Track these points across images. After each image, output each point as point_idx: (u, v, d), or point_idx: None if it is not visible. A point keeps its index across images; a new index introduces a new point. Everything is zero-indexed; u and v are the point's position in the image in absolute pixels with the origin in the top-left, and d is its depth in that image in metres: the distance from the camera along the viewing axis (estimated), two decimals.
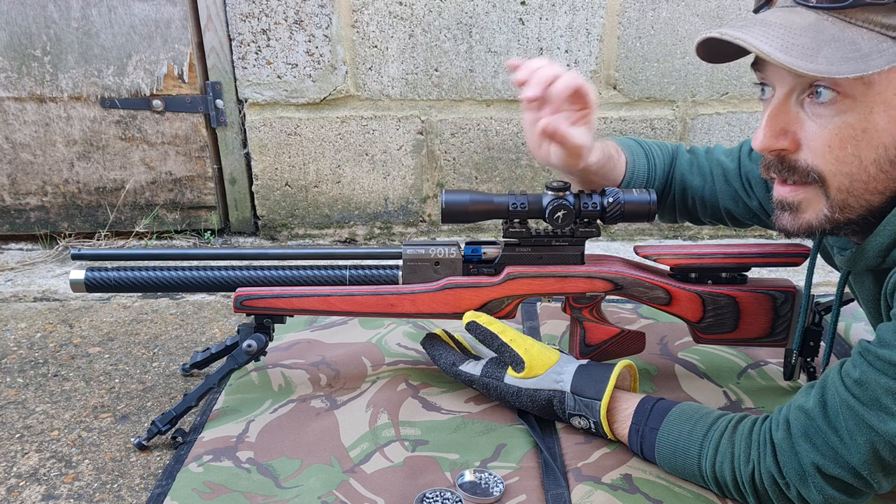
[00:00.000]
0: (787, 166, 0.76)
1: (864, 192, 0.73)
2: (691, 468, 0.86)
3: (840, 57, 0.66)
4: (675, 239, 1.99)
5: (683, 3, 1.78)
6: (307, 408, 1.08)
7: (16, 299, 1.57)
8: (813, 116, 0.72)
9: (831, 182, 0.73)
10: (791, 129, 0.74)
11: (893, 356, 0.69)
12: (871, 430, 0.71)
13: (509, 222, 1.03)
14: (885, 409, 0.70)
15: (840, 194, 0.73)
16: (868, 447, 0.71)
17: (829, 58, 0.66)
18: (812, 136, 0.72)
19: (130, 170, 1.87)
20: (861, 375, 0.72)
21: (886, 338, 0.70)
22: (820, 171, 0.73)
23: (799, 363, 1.07)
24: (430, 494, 0.88)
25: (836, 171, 0.72)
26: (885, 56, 0.66)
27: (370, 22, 1.78)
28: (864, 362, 0.72)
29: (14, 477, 0.98)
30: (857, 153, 0.70)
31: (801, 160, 0.74)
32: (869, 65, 0.65)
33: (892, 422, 0.69)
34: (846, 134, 0.70)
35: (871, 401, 0.71)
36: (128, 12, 1.73)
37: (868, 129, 0.69)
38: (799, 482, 0.77)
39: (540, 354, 0.98)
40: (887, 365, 0.69)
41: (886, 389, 0.69)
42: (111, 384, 1.21)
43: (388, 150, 1.89)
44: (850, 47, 0.66)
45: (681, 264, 1.05)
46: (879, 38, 0.66)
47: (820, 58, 0.66)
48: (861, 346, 0.73)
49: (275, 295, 1.06)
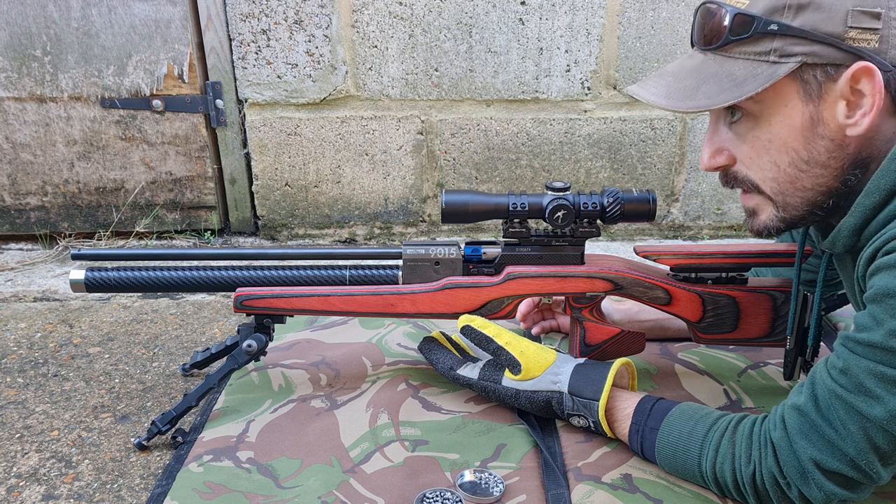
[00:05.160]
0: (731, 178, 0.86)
1: (795, 191, 0.81)
2: (692, 468, 0.86)
3: (717, 90, 0.78)
4: (675, 239, 1.99)
5: (683, 3, 1.78)
6: (307, 408, 1.08)
7: (16, 299, 1.57)
8: (735, 135, 0.83)
9: (763, 188, 0.83)
10: (725, 147, 0.85)
11: (871, 337, 0.71)
12: (862, 416, 0.72)
13: (509, 222, 1.03)
14: (870, 392, 0.71)
15: (777, 196, 0.83)
16: (862, 435, 0.73)
17: (706, 93, 0.79)
18: (739, 151, 0.84)
19: (130, 170, 1.87)
20: (844, 364, 0.74)
21: (863, 322, 0.73)
22: (752, 179, 0.84)
23: (799, 363, 1.07)
24: (430, 494, 0.88)
25: (763, 177, 0.82)
26: (758, 79, 0.76)
27: (370, 22, 1.78)
28: (846, 350, 0.74)
29: (14, 477, 0.98)
30: (772, 159, 0.81)
31: (739, 172, 0.85)
32: (743, 91, 0.77)
33: (878, 406, 0.71)
34: (758, 145, 0.81)
35: (857, 387, 0.72)
36: (128, 12, 1.73)
37: (772, 138, 0.80)
38: (800, 480, 0.77)
39: (536, 356, 0.98)
40: (866, 347, 0.72)
41: (868, 372, 0.71)
42: (111, 384, 1.21)
43: (388, 150, 1.89)
44: (727, 79, 0.78)
45: (681, 264, 1.05)
46: (754, 65, 0.77)
47: (699, 95, 0.79)
48: (841, 335, 0.76)
49: (275, 295, 1.06)
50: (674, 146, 1.90)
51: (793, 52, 0.75)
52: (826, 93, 0.76)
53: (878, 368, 0.70)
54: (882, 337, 0.70)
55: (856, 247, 0.80)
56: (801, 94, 0.77)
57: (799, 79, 0.76)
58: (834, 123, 0.76)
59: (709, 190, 1.95)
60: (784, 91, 0.77)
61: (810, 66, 0.75)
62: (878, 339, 0.70)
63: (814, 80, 0.75)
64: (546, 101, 1.86)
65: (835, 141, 0.77)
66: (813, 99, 0.76)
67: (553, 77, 1.83)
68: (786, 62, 0.75)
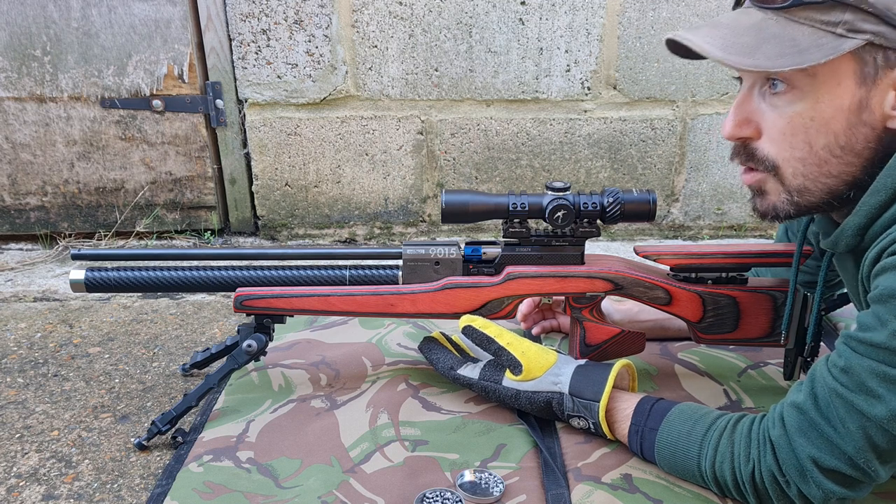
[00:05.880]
0: (747, 153, 0.82)
1: (819, 176, 0.78)
2: (691, 468, 0.86)
3: (777, 53, 0.73)
4: (675, 239, 1.99)
5: (683, 3, 1.78)
6: (307, 408, 1.08)
7: (16, 299, 1.57)
8: (771, 106, 0.78)
9: (785, 169, 0.79)
10: (754, 119, 0.80)
11: (874, 337, 0.71)
12: (862, 415, 0.72)
13: (509, 222, 1.03)
14: (872, 392, 0.71)
15: (796, 179, 0.79)
16: (861, 433, 0.72)
17: (766, 54, 0.73)
18: (770, 125, 0.79)
19: (130, 170, 1.87)
20: (846, 363, 0.73)
21: (866, 321, 0.72)
22: (775, 160, 0.80)
23: (799, 363, 1.07)
24: (430, 494, 0.87)
25: (790, 156, 0.78)
26: (822, 50, 0.71)
27: (370, 22, 1.78)
28: (848, 349, 0.74)
29: (14, 477, 0.98)
30: (808, 139, 0.76)
31: (759, 149, 0.81)
32: (805, 58, 0.71)
33: (879, 405, 0.71)
34: (798, 122, 0.76)
35: (858, 386, 0.72)
36: (128, 12, 1.73)
37: (816, 117, 0.75)
38: (799, 479, 0.77)
39: (537, 357, 0.98)
40: (869, 347, 0.71)
41: (871, 371, 0.71)
42: (111, 384, 1.21)
43: (388, 150, 1.89)
44: (789, 44, 0.73)
45: (681, 264, 1.05)
46: (819, 34, 0.72)
47: (758, 54, 0.73)
48: (843, 335, 0.75)
49: (275, 295, 1.06)
50: (674, 146, 1.90)
51: (862, 29, 0.71)
52: (881, 78, 0.72)
53: (881, 368, 0.70)
54: (886, 337, 0.70)
55: (859, 247, 0.80)
56: (858, 75, 0.73)
57: (859, 58, 0.72)
58: (879, 112, 0.74)
59: (709, 190, 1.95)
60: (841, 68, 0.73)
61: (874, 46, 0.71)
62: (881, 339, 0.70)
63: (873, 62, 0.72)
64: (546, 101, 1.86)
65: (875, 130, 0.74)
66: (867, 83, 0.73)
67: (553, 77, 1.83)
68: (853, 38, 0.71)
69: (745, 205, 1.95)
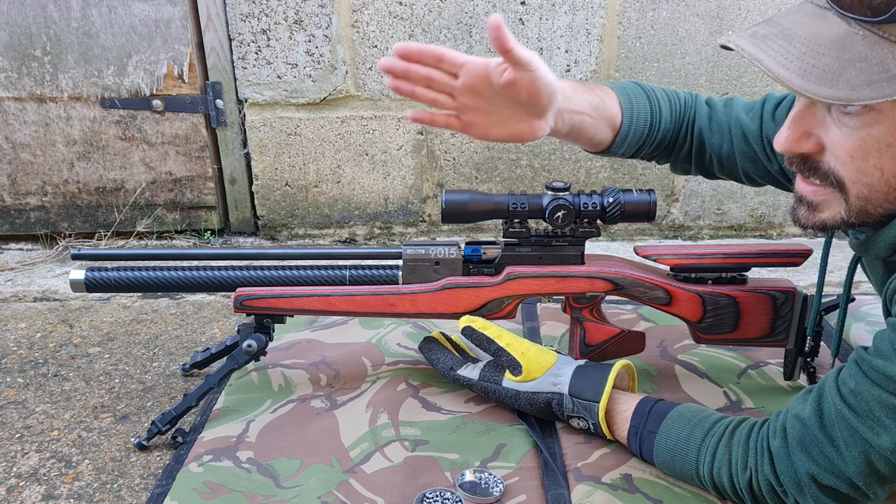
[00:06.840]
0: (810, 166, 0.74)
1: (882, 202, 0.72)
2: (689, 472, 0.86)
3: (864, 80, 0.63)
4: (675, 239, 1.99)
5: (683, 3, 1.78)
6: (307, 408, 1.08)
7: (16, 299, 1.57)
8: (839, 124, 0.70)
9: (850, 189, 0.72)
10: (815, 133, 0.72)
11: (888, 368, 0.69)
12: (866, 442, 0.71)
13: (509, 222, 1.03)
14: (879, 421, 0.70)
15: (859, 202, 0.72)
16: (863, 458, 0.71)
17: (850, 81, 0.63)
18: (836, 143, 0.71)
19: (130, 170, 1.87)
20: (856, 386, 0.71)
21: (882, 348, 0.70)
22: (841, 177, 0.72)
23: (799, 363, 1.07)
24: (430, 494, 0.88)
25: (857, 179, 0.71)
26: None
27: (370, 22, 1.78)
28: (860, 371, 0.72)
29: (14, 477, 0.98)
30: (880, 165, 0.69)
31: (824, 162, 0.72)
32: (894, 89, 0.62)
33: (885, 435, 0.69)
34: (870, 146, 0.68)
35: (866, 412, 0.71)
36: (128, 12, 1.73)
37: (893, 143, 0.67)
38: (796, 491, 0.76)
39: (537, 357, 0.98)
40: (882, 376, 0.69)
41: (880, 401, 0.69)
42: (111, 384, 1.21)
43: (388, 150, 1.89)
44: (878, 68, 0.63)
45: (681, 264, 1.05)
46: None
47: (841, 81, 0.64)
48: (857, 353, 0.73)
49: (275, 295, 1.06)
50: None
51: None
52: None
53: (891, 400, 0.68)
54: None
55: (890, 258, 0.78)
56: None
57: None
58: None
59: (709, 190, 1.95)
60: None
61: None
62: (895, 371, 0.68)
63: None
64: None
65: None
66: None
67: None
68: None
69: (745, 205, 1.95)
